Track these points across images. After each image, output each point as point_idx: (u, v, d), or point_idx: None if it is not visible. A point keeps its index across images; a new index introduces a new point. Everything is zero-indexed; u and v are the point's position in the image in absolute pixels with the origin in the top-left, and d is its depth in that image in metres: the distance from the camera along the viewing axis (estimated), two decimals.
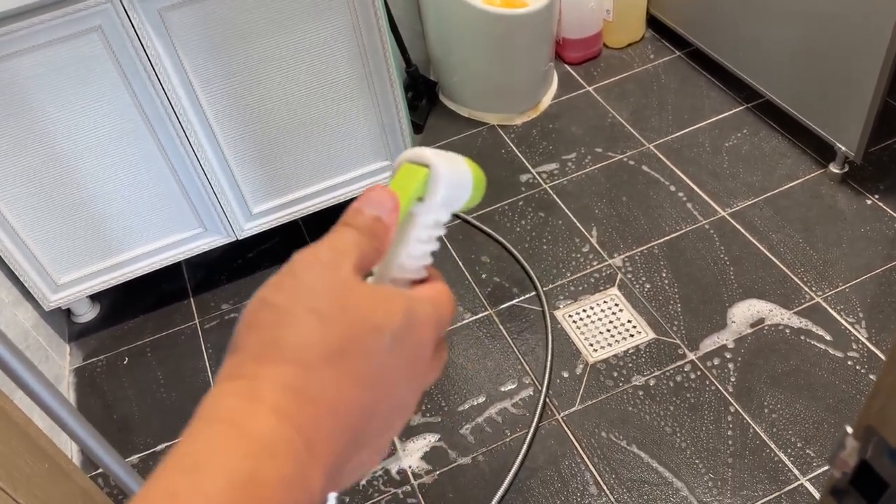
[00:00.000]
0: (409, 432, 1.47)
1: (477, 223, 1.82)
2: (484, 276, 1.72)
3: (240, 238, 1.68)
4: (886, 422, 0.42)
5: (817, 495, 1.29)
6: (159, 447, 1.53)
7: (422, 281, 0.35)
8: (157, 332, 1.73)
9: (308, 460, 0.26)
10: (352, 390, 0.28)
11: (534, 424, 1.44)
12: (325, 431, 0.27)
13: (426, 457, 1.44)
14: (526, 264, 1.72)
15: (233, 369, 0.28)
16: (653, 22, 2.27)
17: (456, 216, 1.85)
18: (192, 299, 1.79)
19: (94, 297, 1.79)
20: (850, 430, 0.45)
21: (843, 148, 1.72)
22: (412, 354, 0.31)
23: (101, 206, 1.55)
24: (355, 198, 0.33)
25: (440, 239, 0.36)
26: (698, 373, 1.48)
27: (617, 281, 1.67)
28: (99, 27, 1.33)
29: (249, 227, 1.68)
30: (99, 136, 1.45)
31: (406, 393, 0.32)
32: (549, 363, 1.53)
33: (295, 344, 0.27)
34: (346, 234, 0.31)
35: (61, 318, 1.76)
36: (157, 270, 1.68)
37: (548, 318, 1.61)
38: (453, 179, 0.35)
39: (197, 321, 1.74)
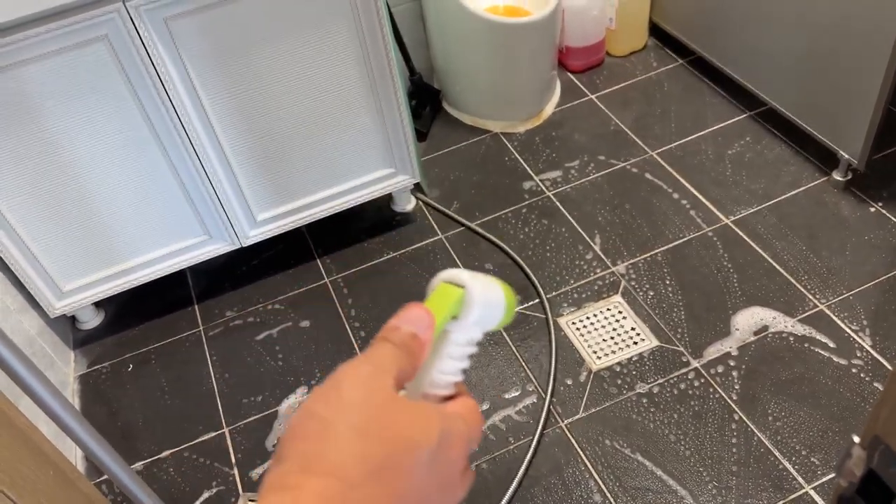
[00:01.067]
0: None
1: (481, 231, 1.83)
2: None
3: (244, 245, 1.69)
4: (893, 431, 0.42)
5: None
6: (163, 454, 1.53)
7: (451, 396, 0.37)
8: (161, 340, 1.74)
9: None
10: None
11: (537, 433, 1.44)
12: None
13: None
14: (529, 272, 1.72)
15: (278, 479, 0.29)
16: (655, 30, 2.28)
17: (459, 222, 1.85)
18: (196, 306, 1.79)
19: (99, 305, 1.79)
20: (856, 439, 0.45)
21: (847, 155, 1.72)
22: (446, 471, 0.33)
23: (106, 213, 1.55)
24: (358, 205, 0.35)
25: (472, 353, 0.38)
26: (702, 380, 1.48)
27: (620, 288, 1.67)
28: (105, 36, 1.34)
29: (254, 235, 1.69)
30: (104, 145, 1.46)
31: None
32: (552, 371, 1.53)
33: (337, 459, 0.29)
34: (386, 349, 0.33)
35: (66, 326, 1.77)
36: (161, 278, 1.69)
37: (551, 326, 1.61)
38: (487, 300, 0.37)
39: (201, 328, 1.75)
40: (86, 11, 1.29)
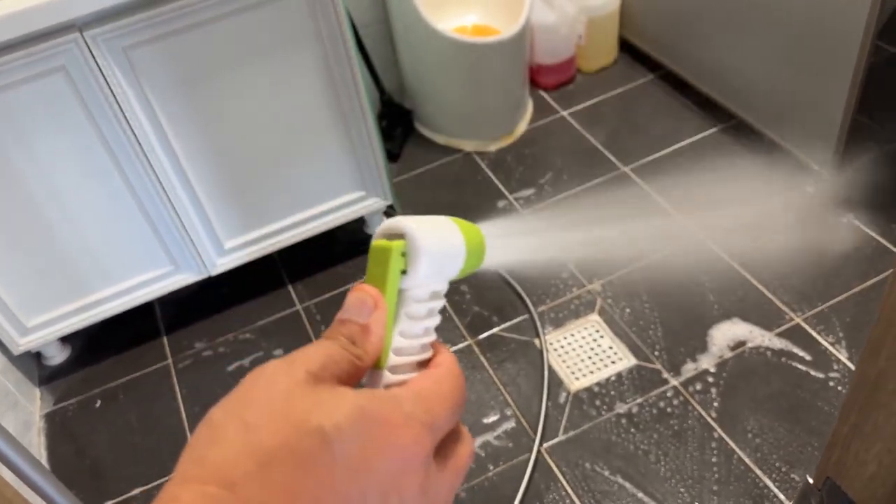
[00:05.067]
0: None
1: None
2: (464, 305, 1.70)
3: (213, 274, 1.66)
4: (843, 473, 0.40)
5: None
6: (133, 492, 1.49)
7: (428, 362, 0.31)
8: (129, 374, 1.69)
9: None
10: None
11: (529, 469, 1.41)
12: None
13: None
14: (518, 287, 1.70)
15: (162, 494, 0.25)
16: (625, 46, 2.29)
17: None
18: (165, 338, 1.75)
19: (65, 339, 1.75)
20: (811, 480, 0.43)
21: (817, 167, 1.73)
22: (374, 466, 0.25)
23: (70, 246, 1.51)
24: (329, 229, 0.32)
25: (442, 311, 0.33)
26: (681, 398, 1.47)
27: (597, 307, 1.65)
28: (63, 67, 1.31)
29: (222, 263, 1.65)
30: (66, 176, 1.42)
31: None
32: (545, 394, 1.51)
33: (218, 460, 0.24)
34: (316, 344, 0.28)
35: (31, 362, 1.72)
36: (128, 310, 1.65)
37: (544, 345, 1.59)
38: (434, 244, 0.31)
39: (170, 360, 1.70)
40: (42, 42, 1.26)
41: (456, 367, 0.30)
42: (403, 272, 0.31)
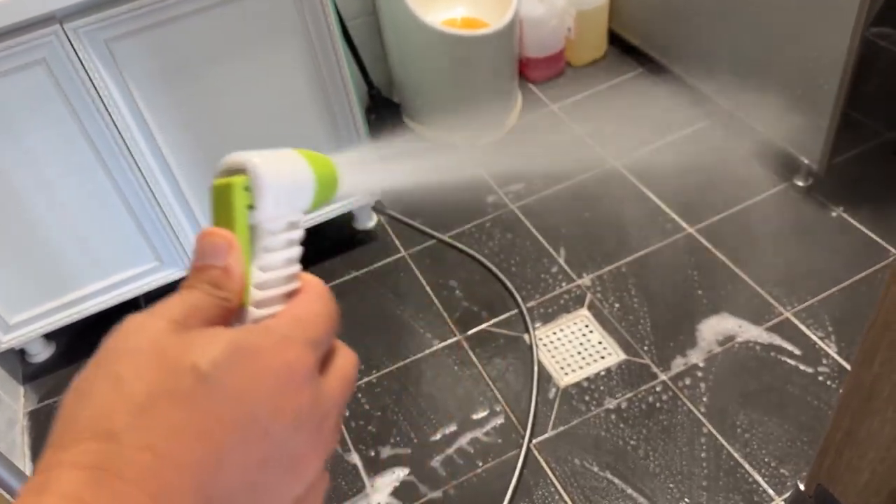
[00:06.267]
0: (378, 466, 1.43)
1: (452, 242, 1.80)
2: (452, 301, 1.69)
3: None
4: (835, 480, 0.40)
5: None
6: None
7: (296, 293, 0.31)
8: None
9: None
10: (173, 445, 0.23)
11: (518, 466, 1.41)
12: (145, 502, 0.23)
13: (396, 492, 1.39)
14: (508, 282, 1.69)
15: (36, 470, 0.24)
16: (614, 39, 2.27)
17: (428, 234, 1.82)
18: None
19: (49, 336, 1.72)
20: (802, 486, 0.43)
21: (806, 161, 1.73)
22: (259, 389, 0.25)
23: (53, 242, 1.49)
24: (317, 224, 0.30)
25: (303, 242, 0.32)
26: (670, 394, 1.46)
27: (586, 301, 1.65)
28: (43, 60, 1.28)
29: None
30: (48, 172, 1.40)
31: (280, 438, 0.26)
32: (534, 389, 1.50)
33: (91, 416, 0.24)
34: (174, 296, 0.28)
35: (14, 359, 1.69)
36: (114, 306, 1.62)
37: (534, 340, 1.58)
38: (277, 174, 0.31)
39: None
40: (21, 35, 1.24)
41: (322, 287, 0.30)
42: (251, 207, 0.30)
